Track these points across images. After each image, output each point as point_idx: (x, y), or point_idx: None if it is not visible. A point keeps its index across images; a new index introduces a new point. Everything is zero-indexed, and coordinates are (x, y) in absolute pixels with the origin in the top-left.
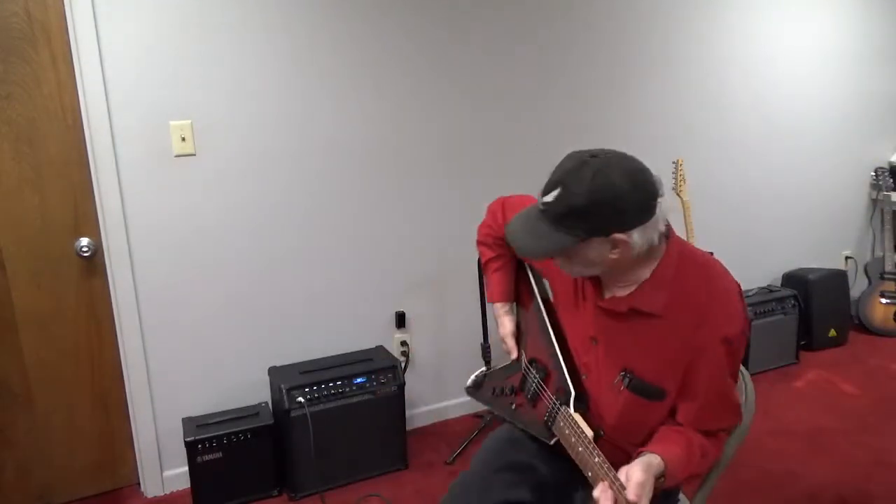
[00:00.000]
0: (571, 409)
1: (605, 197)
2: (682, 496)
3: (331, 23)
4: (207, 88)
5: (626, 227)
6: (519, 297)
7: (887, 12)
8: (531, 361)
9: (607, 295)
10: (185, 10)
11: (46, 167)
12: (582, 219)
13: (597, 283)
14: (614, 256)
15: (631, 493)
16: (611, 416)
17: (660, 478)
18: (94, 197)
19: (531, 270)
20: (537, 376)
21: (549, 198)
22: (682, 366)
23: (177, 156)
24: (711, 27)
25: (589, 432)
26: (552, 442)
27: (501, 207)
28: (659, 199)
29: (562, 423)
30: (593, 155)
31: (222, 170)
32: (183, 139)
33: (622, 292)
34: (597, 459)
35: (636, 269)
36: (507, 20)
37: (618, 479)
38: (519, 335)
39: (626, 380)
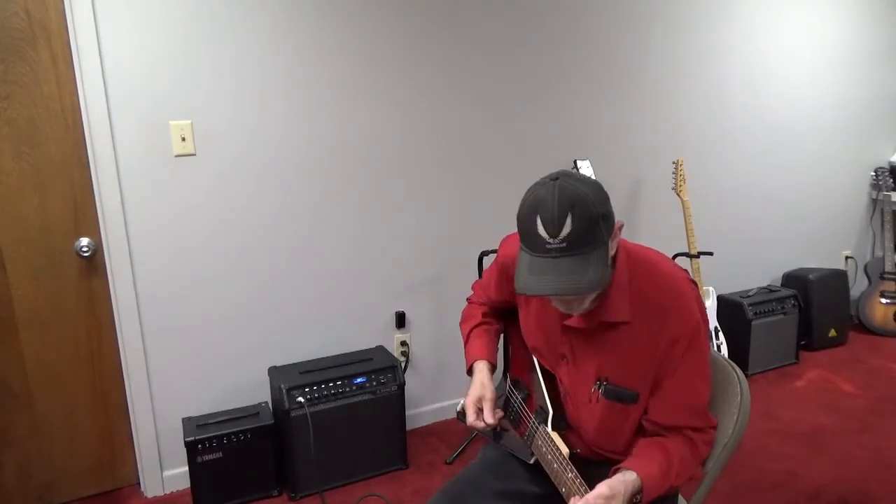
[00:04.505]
0: (549, 428)
1: (600, 191)
2: (679, 497)
3: (334, 21)
4: (208, 88)
5: (613, 216)
6: (506, 327)
7: (887, 13)
8: (514, 382)
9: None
10: (185, 9)
11: (46, 167)
12: (603, 220)
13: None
14: (612, 252)
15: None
16: (590, 427)
17: (636, 494)
18: (94, 197)
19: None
20: (519, 397)
21: (567, 227)
22: (652, 366)
23: (177, 156)
24: (711, 27)
25: (565, 450)
26: (531, 461)
27: (479, 286)
28: None
29: (539, 443)
30: (553, 178)
31: (222, 170)
32: (183, 139)
33: (587, 308)
34: (570, 475)
35: None
36: (507, 23)
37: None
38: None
39: (602, 388)
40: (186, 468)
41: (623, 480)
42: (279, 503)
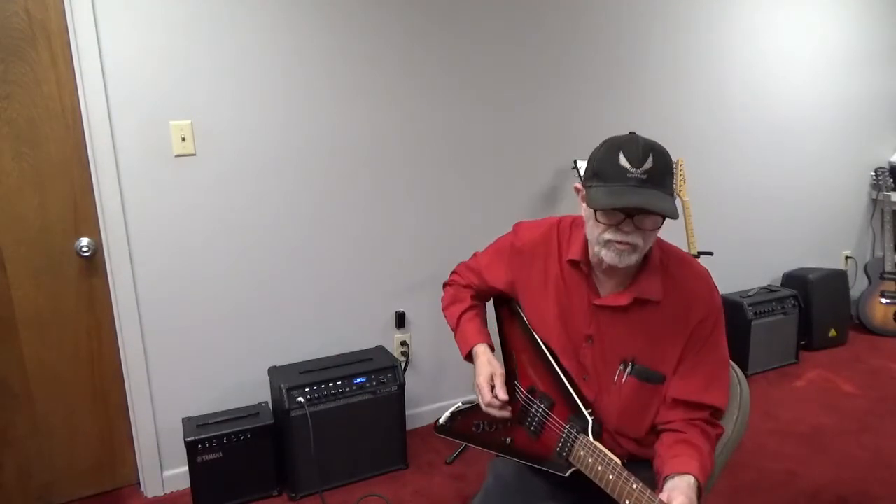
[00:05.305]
0: (591, 437)
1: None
2: None
3: (334, 21)
4: (208, 88)
5: None
6: (504, 335)
7: (887, 13)
8: (530, 391)
9: (603, 293)
10: (185, 9)
11: (46, 167)
12: (671, 175)
13: (586, 284)
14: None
15: None
16: (613, 411)
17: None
18: (94, 197)
19: (510, 304)
20: (542, 406)
21: (649, 163)
22: (679, 346)
23: (177, 156)
24: (711, 27)
25: (616, 459)
26: (567, 473)
27: (466, 267)
28: None
29: (582, 453)
30: (629, 133)
31: (222, 170)
32: (183, 139)
33: (618, 286)
34: (635, 486)
35: None
36: (507, 23)
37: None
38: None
39: (629, 368)
40: (186, 468)
41: (689, 485)
42: (279, 503)
